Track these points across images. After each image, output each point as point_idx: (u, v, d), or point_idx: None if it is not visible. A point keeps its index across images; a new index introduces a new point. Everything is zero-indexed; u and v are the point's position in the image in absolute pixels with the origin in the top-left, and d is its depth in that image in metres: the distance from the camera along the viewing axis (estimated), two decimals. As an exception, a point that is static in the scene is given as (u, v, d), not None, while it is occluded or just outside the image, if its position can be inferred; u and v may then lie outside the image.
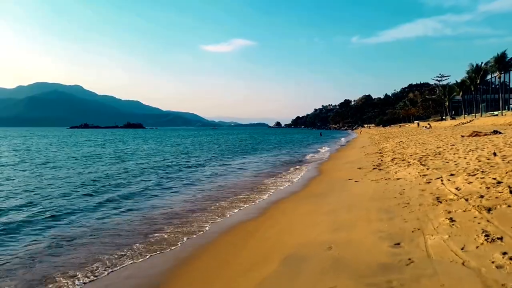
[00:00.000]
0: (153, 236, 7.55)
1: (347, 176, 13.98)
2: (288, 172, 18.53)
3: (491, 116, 58.20)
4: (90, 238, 7.47)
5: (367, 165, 16.72)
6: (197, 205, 10.56)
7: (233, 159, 27.10)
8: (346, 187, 11.39)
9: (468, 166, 10.54)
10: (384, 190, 9.51)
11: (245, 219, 8.83)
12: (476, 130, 30.64)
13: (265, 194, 12.09)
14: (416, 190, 8.69)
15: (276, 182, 15.03)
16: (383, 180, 11.33)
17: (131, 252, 6.62)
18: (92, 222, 8.73)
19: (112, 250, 6.74)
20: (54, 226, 8.38)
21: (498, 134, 22.22)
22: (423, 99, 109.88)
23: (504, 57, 55.00)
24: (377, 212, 7.26)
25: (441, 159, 13.37)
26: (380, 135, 53.14)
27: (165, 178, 16.57)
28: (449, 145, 19.17)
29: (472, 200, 6.66)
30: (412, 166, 13.11)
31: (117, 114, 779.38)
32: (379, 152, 23.25)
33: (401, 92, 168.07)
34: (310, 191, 12.06)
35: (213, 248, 6.75)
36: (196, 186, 14.37)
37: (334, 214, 7.93)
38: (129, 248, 6.81)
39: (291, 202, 10.40)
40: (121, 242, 7.19)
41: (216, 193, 12.65)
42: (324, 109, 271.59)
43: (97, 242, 7.23)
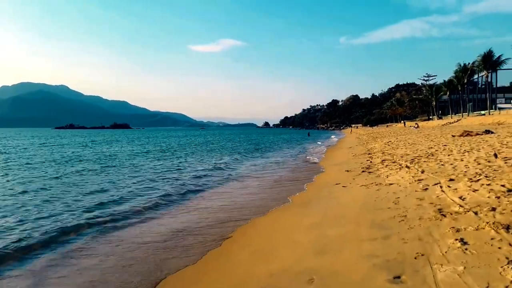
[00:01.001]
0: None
1: (335, 180, 12.82)
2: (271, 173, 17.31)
3: (478, 115, 58.02)
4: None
5: (355, 167, 15.62)
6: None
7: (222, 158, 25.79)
8: (333, 194, 10.20)
9: (468, 170, 9.46)
10: (375, 198, 8.34)
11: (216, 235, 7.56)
12: (464, 129, 29.97)
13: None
14: (413, 198, 7.54)
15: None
16: (373, 185, 10.18)
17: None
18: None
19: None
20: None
21: (490, 133, 21.40)
22: (410, 99, 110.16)
23: (490, 55, 54.80)
24: (369, 228, 6.07)
25: (435, 161, 12.31)
26: (368, 135, 52.38)
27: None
28: (441, 145, 18.22)
29: (482, 214, 5.52)
30: (405, 169, 12.02)
31: (104, 115, 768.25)
32: (367, 153, 22.21)
33: (388, 92, 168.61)
34: (293, 198, 10.83)
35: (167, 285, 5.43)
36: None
37: (319, 229, 6.72)
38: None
39: (270, 212, 9.15)
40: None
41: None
42: (312, 109, 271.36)
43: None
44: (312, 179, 14.54)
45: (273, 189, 12.68)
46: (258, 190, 12.60)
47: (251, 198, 11.27)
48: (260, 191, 12.37)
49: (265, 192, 12.15)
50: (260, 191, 12.37)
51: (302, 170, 18.18)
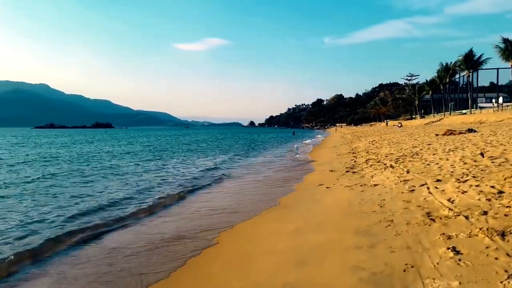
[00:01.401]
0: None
1: (318, 181, 12.40)
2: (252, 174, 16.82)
3: (460, 114, 58.83)
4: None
5: (339, 167, 15.26)
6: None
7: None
8: (317, 196, 9.76)
9: (454, 170, 9.16)
10: (360, 201, 7.93)
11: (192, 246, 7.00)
12: (447, 128, 30.12)
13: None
14: (399, 200, 7.15)
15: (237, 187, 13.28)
16: (358, 186, 9.79)
17: None
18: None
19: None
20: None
21: (473, 132, 21.41)
22: (394, 98, 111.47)
23: (471, 55, 55.65)
24: (354, 234, 5.63)
25: (421, 161, 12.02)
26: (352, 134, 52.46)
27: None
28: (425, 144, 18.05)
29: (474, 219, 5.14)
30: (389, 168, 11.69)
31: (86, 114, 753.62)
32: (352, 152, 21.95)
33: (372, 92, 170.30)
34: (281, 200, 10.34)
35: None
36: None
37: (300, 235, 6.25)
38: None
39: (255, 216, 8.63)
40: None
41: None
42: (298, 109, 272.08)
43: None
44: (301, 179, 14.07)
45: (262, 190, 12.17)
46: (248, 192, 12.06)
47: (240, 200, 10.72)
48: (249, 193, 11.83)
49: (254, 194, 11.61)
50: (250, 193, 11.83)
51: (290, 170, 17.71)
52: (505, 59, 46.27)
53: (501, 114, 40.89)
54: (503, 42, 45.72)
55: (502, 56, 46.23)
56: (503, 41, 45.67)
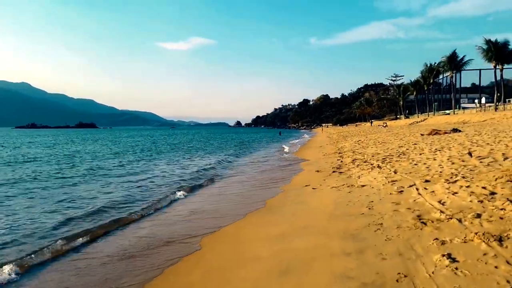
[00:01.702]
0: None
1: (305, 182, 12.08)
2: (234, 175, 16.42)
3: (443, 114, 59.63)
4: None
5: (326, 168, 15.00)
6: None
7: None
8: (302, 197, 9.43)
9: (443, 170, 8.95)
10: (347, 202, 7.63)
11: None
12: (432, 128, 30.29)
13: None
14: (388, 202, 6.87)
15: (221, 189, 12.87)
16: (345, 187, 9.50)
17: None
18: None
19: None
20: None
21: (458, 132, 21.48)
22: (379, 99, 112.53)
23: (455, 56, 56.46)
24: (342, 239, 5.30)
25: (408, 161, 11.83)
26: (338, 134, 52.53)
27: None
28: (411, 144, 17.97)
29: (468, 222, 4.87)
30: (377, 169, 11.46)
31: (69, 113, 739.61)
32: (338, 152, 21.77)
33: (357, 92, 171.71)
34: (268, 202, 9.96)
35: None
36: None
37: (284, 241, 5.89)
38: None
39: (239, 220, 8.23)
40: None
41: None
42: (284, 109, 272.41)
43: None
44: (288, 179, 13.72)
45: (249, 192, 11.74)
46: (235, 194, 11.59)
47: (226, 203, 10.28)
48: (236, 195, 11.36)
49: (241, 196, 11.14)
50: (237, 195, 11.36)
51: (277, 171, 17.33)
52: (488, 60, 46.99)
53: (484, 114, 41.48)
54: (486, 43, 46.43)
55: (485, 57, 46.93)
56: (486, 42, 46.37)
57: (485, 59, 48.41)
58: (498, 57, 45.72)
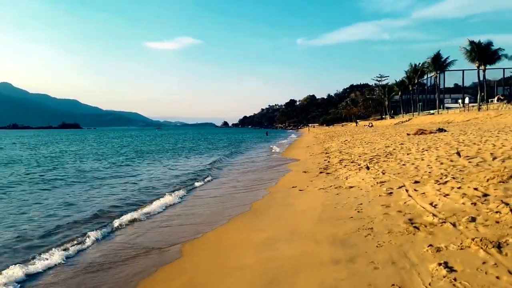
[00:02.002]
0: None
1: (292, 183, 11.79)
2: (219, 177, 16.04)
3: (428, 114, 60.26)
4: None
5: (313, 168, 14.75)
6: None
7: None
8: (289, 200, 9.12)
9: (432, 170, 8.76)
10: (335, 205, 7.35)
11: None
12: (418, 128, 30.46)
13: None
14: (377, 205, 6.61)
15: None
16: (332, 188, 9.24)
17: None
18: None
19: None
20: None
21: (444, 132, 21.54)
22: (364, 99, 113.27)
23: (439, 57, 57.15)
24: (330, 245, 5.00)
25: (396, 161, 11.66)
26: (324, 134, 52.58)
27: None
28: (397, 144, 17.88)
29: (462, 226, 4.62)
30: (364, 169, 11.25)
31: (52, 114, 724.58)
32: (325, 152, 21.59)
33: (343, 92, 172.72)
34: (253, 204, 9.61)
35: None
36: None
37: (270, 247, 5.56)
38: None
39: (223, 225, 7.87)
40: None
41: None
42: (271, 109, 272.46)
43: None
44: (274, 180, 13.39)
45: (235, 194, 11.38)
46: (220, 196, 11.23)
47: (211, 205, 9.89)
48: (221, 197, 11.00)
49: (227, 198, 10.78)
50: (222, 197, 10.99)
51: (264, 172, 16.99)
52: (471, 60, 47.64)
53: (468, 114, 42.01)
54: (469, 44, 47.06)
55: (468, 57, 47.57)
56: (469, 43, 47.02)
57: (468, 59, 49.08)
58: (481, 57, 46.39)
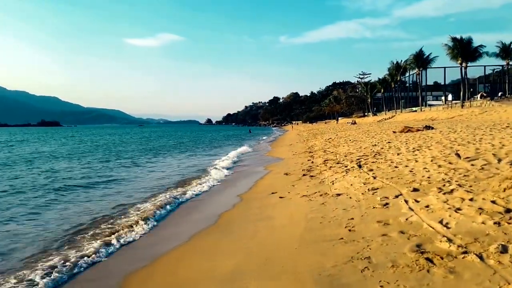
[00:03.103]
0: None
1: (270, 187, 10.51)
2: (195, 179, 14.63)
3: (410, 112, 60.09)
4: None
5: (295, 170, 13.51)
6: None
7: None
8: (267, 210, 7.82)
9: (431, 175, 7.62)
10: (321, 219, 6.10)
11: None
12: (404, 125, 29.71)
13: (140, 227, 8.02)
14: (372, 221, 5.39)
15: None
16: (317, 196, 7.99)
17: None
18: None
19: None
20: None
21: (431, 129, 20.67)
22: (347, 96, 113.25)
23: (422, 54, 56.87)
24: (316, 285, 3.73)
25: (386, 162, 10.52)
26: (308, 132, 51.65)
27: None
28: (384, 142, 16.85)
29: (493, 260, 3.41)
30: (352, 172, 10.07)
31: (31, 111, 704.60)
32: (308, 151, 20.43)
33: (326, 90, 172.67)
34: (222, 216, 8.25)
35: None
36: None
37: (237, 284, 4.25)
38: None
39: (180, 246, 6.49)
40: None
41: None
42: (254, 106, 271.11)
43: None
44: (251, 183, 12.08)
45: (203, 201, 10.03)
46: (185, 204, 9.83)
47: (172, 217, 8.49)
48: (187, 206, 9.62)
49: (192, 206, 9.40)
50: (187, 206, 9.60)
51: (241, 173, 15.71)
52: (453, 57, 47.35)
53: (451, 111, 41.67)
54: (451, 40, 46.78)
55: (451, 54, 47.29)
56: (452, 40, 46.74)
57: (450, 56, 48.84)
58: (463, 54, 46.16)
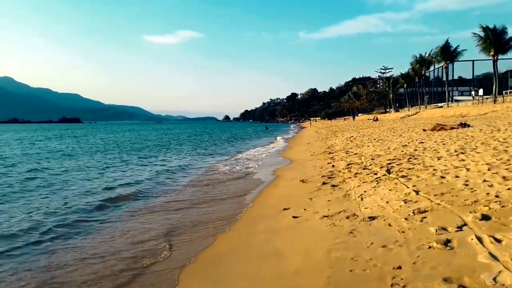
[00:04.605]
0: None
1: (282, 200, 8.67)
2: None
3: (436, 108, 56.92)
4: None
5: (313, 175, 11.62)
6: None
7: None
8: (275, 239, 5.94)
9: (498, 192, 5.61)
10: (352, 262, 4.23)
11: None
12: (430, 122, 27.29)
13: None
14: (433, 277, 3.51)
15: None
16: (343, 218, 6.11)
17: None
18: None
19: None
20: None
21: (468, 127, 18.36)
22: (368, 92, 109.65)
23: (448, 46, 53.46)
24: None
25: (426, 169, 8.52)
26: (326, 129, 49.44)
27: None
28: (416, 142, 14.76)
29: None
30: (385, 182, 8.13)
31: (53, 108, 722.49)
32: (328, 151, 18.46)
33: (345, 86, 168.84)
34: (204, 252, 6.34)
35: None
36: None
37: None
38: None
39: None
40: None
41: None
42: (272, 103, 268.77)
43: None
44: (259, 192, 10.27)
45: (193, 217, 8.21)
46: (170, 221, 7.94)
47: (141, 245, 6.58)
48: (172, 225, 7.56)
49: (180, 227, 7.38)
50: (172, 225, 7.52)
51: (247, 179, 13.86)
52: (485, 48, 43.99)
53: (483, 107, 38.67)
54: (483, 30, 43.43)
55: (482, 45, 43.91)
56: (483, 29, 43.38)
57: (480, 48, 45.52)
58: (496, 45, 42.81)
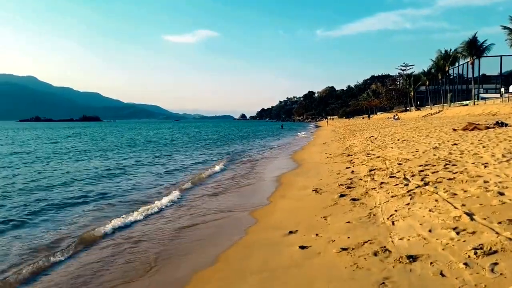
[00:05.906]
0: None
1: (289, 217, 7.04)
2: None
3: (460, 106, 53.99)
4: None
5: (329, 183, 9.91)
6: None
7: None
8: (269, 285, 4.35)
9: None
10: None
11: None
12: (454, 121, 25.13)
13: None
14: None
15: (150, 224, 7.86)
16: (369, 253, 4.42)
17: None
18: None
19: None
20: None
21: (505, 126, 16.28)
22: (387, 90, 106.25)
23: (475, 41, 50.40)
24: None
25: (472, 180, 6.74)
26: (344, 128, 47.32)
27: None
28: (448, 144, 12.88)
29: None
30: (421, 197, 6.40)
31: (74, 107, 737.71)
32: (346, 153, 16.66)
33: (363, 84, 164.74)
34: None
35: None
36: None
37: None
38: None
39: None
40: None
41: None
42: (289, 101, 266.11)
43: None
44: (262, 205, 8.69)
45: (179, 242, 6.74)
46: (154, 246, 6.55)
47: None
48: (155, 252, 6.29)
49: (162, 253, 6.08)
50: (161, 251, 6.29)
51: (255, 186, 12.32)
52: (516, 43, 41.10)
53: (514, 104, 35.95)
54: (513, 23, 40.47)
55: (512, 40, 41.02)
56: (514, 22, 40.43)
57: (511, 42, 42.63)
58: (529, 39, 39.84)
